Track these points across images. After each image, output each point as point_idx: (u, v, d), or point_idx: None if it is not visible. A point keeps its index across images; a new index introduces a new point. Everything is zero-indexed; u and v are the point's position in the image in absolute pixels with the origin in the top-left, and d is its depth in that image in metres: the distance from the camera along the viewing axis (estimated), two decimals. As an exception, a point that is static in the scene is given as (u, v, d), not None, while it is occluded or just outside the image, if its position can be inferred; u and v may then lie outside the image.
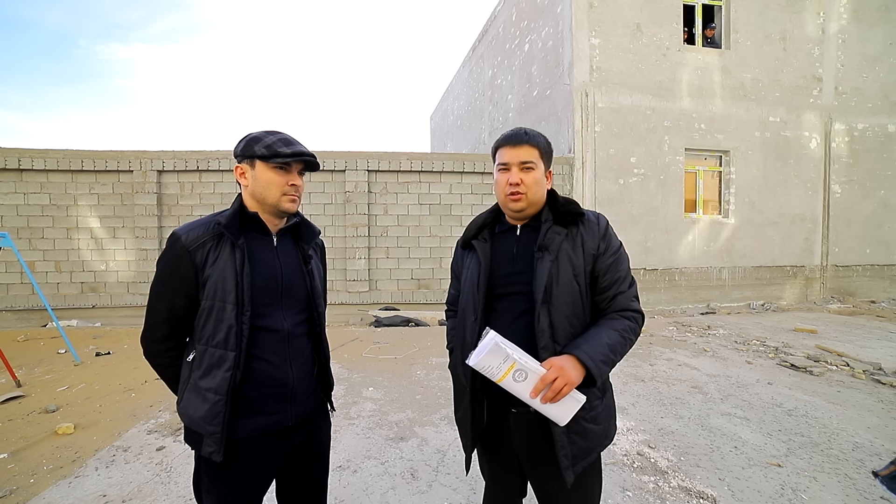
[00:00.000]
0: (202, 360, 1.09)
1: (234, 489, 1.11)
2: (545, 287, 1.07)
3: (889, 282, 8.13)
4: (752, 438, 2.68)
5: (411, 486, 2.20)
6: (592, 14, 6.95)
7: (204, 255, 1.08)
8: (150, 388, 3.65)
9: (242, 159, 1.13)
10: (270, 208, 1.16)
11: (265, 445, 1.14)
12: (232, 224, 1.09)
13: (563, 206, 1.16)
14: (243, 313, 1.07)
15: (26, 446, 2.63)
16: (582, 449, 1.09)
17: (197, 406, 1.07)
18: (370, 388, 3.62)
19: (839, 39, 7.83)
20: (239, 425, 1.09)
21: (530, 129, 1.18)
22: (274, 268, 1.17)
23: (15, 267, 6.03)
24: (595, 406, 1.12)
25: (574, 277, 1.10)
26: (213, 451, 1.05)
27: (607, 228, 1.15)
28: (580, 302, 1.11)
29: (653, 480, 2.23)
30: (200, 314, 1.09)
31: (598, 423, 1.13)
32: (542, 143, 1.17)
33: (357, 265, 6.65)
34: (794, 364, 4.09)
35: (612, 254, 1.13)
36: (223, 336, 1.07)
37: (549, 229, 1.13)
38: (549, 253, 1.10)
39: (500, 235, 1.23)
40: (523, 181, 1.13)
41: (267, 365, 1.13)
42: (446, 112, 15.58)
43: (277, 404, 1.15)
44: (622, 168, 7.13)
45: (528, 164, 1.13)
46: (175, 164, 6.33)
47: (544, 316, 1.07)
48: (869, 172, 7.99)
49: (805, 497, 2.07)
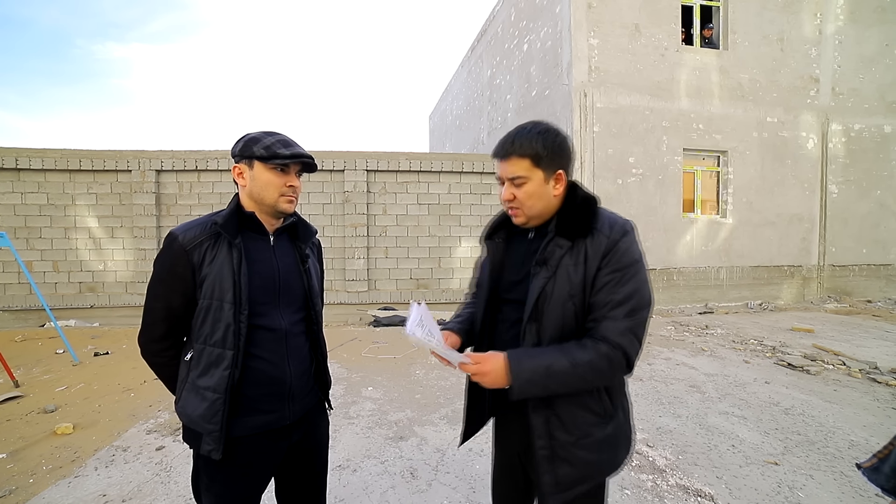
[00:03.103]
0: (200, 358, 1.09)
1: (232, 487, 1.12)
2: (534, 304, 1.00)
3: (885, 281, 8.18)
4: (750, 437, 2.70)
5: (411, 485, 2.21)
6: (591, 14, 6.97)
7: (201, 254, 1.08)
8: (149, 388, 3.64)
9: (240, 159, 1.14)
10: (268, 209, 1.16)
11: (263, 444, 1.15)
12: (228, 224, 1.10)
13: (576, 212, 1.03)
14: (241, 312, 1.08)
15: (25, 446, 2.63)
16: (569, 477, 1.00)
17: (195, 405, 1.08)
18: (369, 388, 3.62)
19: (836, 40, 7.86)
20: (237, 424, 1.10)
21: (520, 133, 1.03)
22: (271, 267, 1.17)
23: (12, 267, 6.01)
24: (591, 433, 1.01)
25: (570, 297, 0.99)
26: (212, 449, 1.06)
27: (619, 242, 0.98)
28: (572, 324, 1.00)
29: (651, 479, 2.24)
30: (198, 313, 1.09)
31: (594, 453, 1.01)
32: (534, 150, 1.01)
33: (356, 265, 6.65)
34: (791, 363, 4.11)
35: (615, 271, 0.97)
36: (221, 335, 1.07)
37: (551, 241, 1.02)
38: (547, 269, 1.00)
39: (516, 237, 1.16)
40: (515, 196, 1.03)
41: (265, 364, 1.13)
42: (445, 112, 15.58)
43: (275, 403, 1.15)
44: (620, 168, 7.15)
45: (517, 180, 1.02)
46: (174, 164, 6.31)
47: (531, 333, 1.01)
48: (865, 173, 8.03)
49: (801, 495, 2.09)
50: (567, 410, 1.01)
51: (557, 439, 1.01)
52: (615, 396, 1.06)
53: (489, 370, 0.95)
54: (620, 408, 1.08)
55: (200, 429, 1.07)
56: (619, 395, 1.09)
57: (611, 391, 1.05)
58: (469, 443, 2.63)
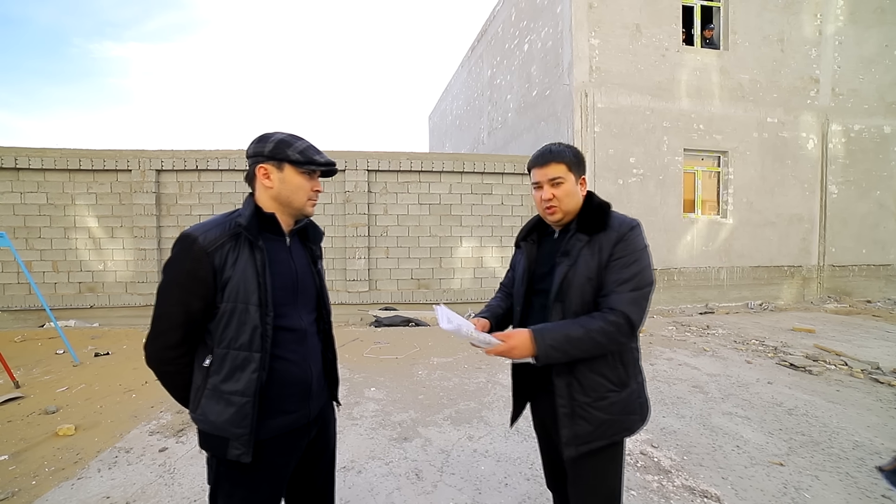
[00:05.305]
0: (223, 363, 1.06)
1: (257, 490, 1.11)
2: (559, 287, 1.20)
3: (885, 282, 8.20)
4: (754, 437, 2.70)
5: (416, 486, 2.20)
6: (592, 14, 6.97)
7: (223, 256, 1.06)
8: (150, 389, 3.63)
9: (267, 160, 1.12)
10: (294, 211, 1.17)
11: (287, 444, 1.15)
12: (252, 225, 1.09)
13: (593, 213, 1.24)
14: (267, 314, 1.07)
15: (27, 448, 2.61)
16: (585, 431, 1.17)
17: (220, 411, 1.06)
18: (372, 389, 3.61)
19: (836, 41, 7.88)
20: (263, 426, 1.09)
21: (556, 146, 1.27)
22: (290, 268, 1.18)
23: (11, 266, 5.98)
24: (607, 396, 1.19)
25: (588, 280, 1.19)
26: (242, 453, 1.05)
27: (627, 234, 1.19)
28: (591, 302, 1.20)
29: (657, 480, 2.24)
30: (221, 317, 1.06)
31: (609, 414, 1.18)
32: (569, 157, 1.26)
33: (357, 265, 6.64)
34: (793, 363, 4.11)
35: (623, 256, 1.17)
36: (247, 338, 1.06)
37: (573, 237, 1.23)
38: (569, 258, 1.21)
39: (545, 238, 1.38)
40: (555, 195, 1.24)
41: (288, 364, 1.13)
42: (445, 112, 15.57)
43: (298, 402, 1.16)
44: (621, 168, 7.16)
45: (556, 180, 1.24)
46: (174, 164, 6.29)
47: (556, 312, 1.21)
48: (865, 173, 8.06)
49: (808, 496, 2.09)
50: (586, 376, 1.18)
51: (577, 400, 1.18)
52: (629, 368, 1.23)
53: (516, 344, 1.12)
54: (634, 379, 1.24)
55: (227, 434, 1.05)
56: (634, 368, 1.25)
57: (625, 362, 1.22)
58: (474, 443, 2.64)
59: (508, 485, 2.20)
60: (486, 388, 3.59)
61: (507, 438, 2.68)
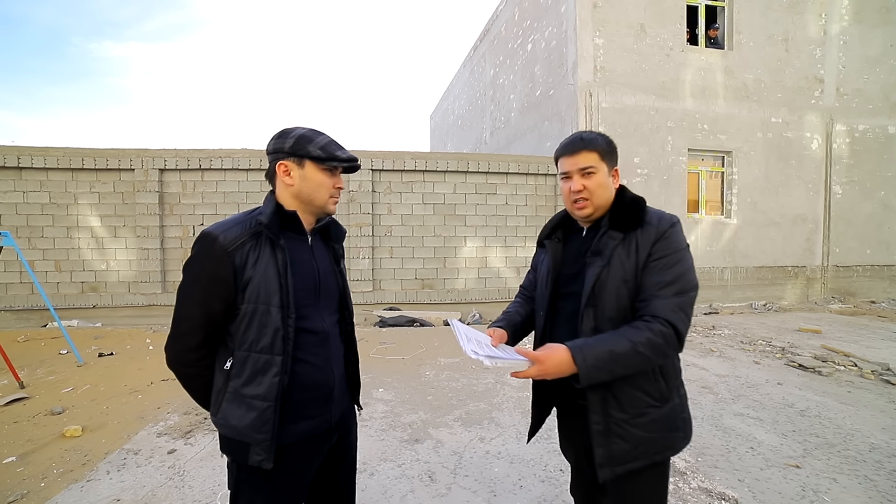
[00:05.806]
0: (244, 366, 1.03)
1: (278, 496, 1.08)
2: (591, 290, 1.08)
3: (889, 282, 8.19)
4: (768, 439, 2.67)
5: (430, 488, 2.18)
6: (596, 14, 6.95)
7: (244, 256, 1.02)
8: (156, 389, 3.60)
9: (288, 157, 1.08)
10: (316, 209, 1.13)
11: (309, 449, 1.12)
12: (273, 223, 1.05)
13: (626, 208, 1.12)
14: (289, 316, 1.04)
15: (34, 449, 2.58)
16: (622, 451, 1.05)
17: (241, 415, 1.03)
18: (380, 390, 3.59)
19: (840, 41, 7.87)
20: (284, 431, 1.06)
21: (587, 133, 1.15)
22: (311, 268, 1.14)
23: (14, 266, 5.94)
24: (646, 412, 1.06)
25: (624, 283, 1.07)
26: (263, 458, 1.02)
27: (667, 231, 1.07)
28: (627, 306, 1.08)
29: (672, 482, 2.21)
30: (241, 318, 1.03)
31: (648, 432, 1.06)
32: (601, 145, 1.14)
33: (361, 265, 6.61)
34: (802, 364, 4.09)
35: (664, 256, 1.05)
36: (269, 340, 1.02)
37: (605, 234, 1.11)
38: (602, 258, 1.09)
39: (572, 236, 1.25)
40: (586, 187, 1.12)
41: (311, 368, 1.10)
42: (447, 111, 15.55)
43: (320, 407, 1.12)
44: (625, 168, 7.13)
45: (587, 170, 1.12)
46: (177, 163, 6.26)
47: (588, 318, 1.09)
48: (869, 173, 8.04)
49: (827, 499, 2.06)
50: (623, 390, 1.06)
51: (613, 416, 1.06)
52: (670, 380, 1.10)
53: (551, 368, 0.98)
54: (676, 392, 1.12)
55: (249, 439, 1.02)
56: (675, 381, 1.12)
57: (666, 375, 1.09)
58: (486, 445, 2.61)
59: (523, 487, 2.18)
60: (495, 389, 3.56)
61: (519, 440, 2.65)
